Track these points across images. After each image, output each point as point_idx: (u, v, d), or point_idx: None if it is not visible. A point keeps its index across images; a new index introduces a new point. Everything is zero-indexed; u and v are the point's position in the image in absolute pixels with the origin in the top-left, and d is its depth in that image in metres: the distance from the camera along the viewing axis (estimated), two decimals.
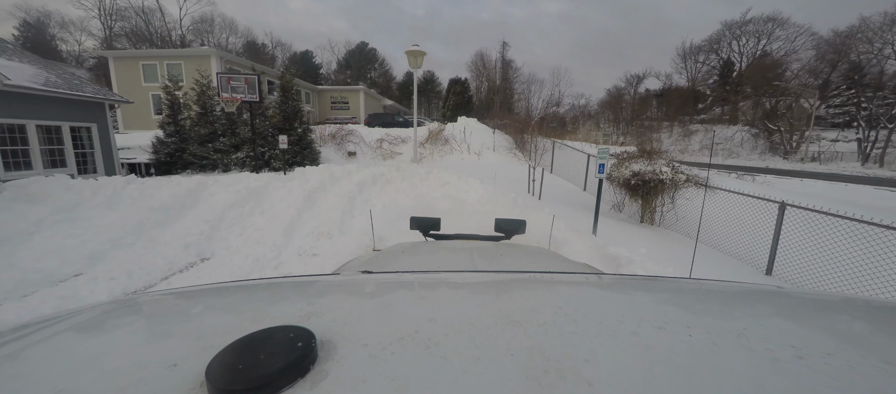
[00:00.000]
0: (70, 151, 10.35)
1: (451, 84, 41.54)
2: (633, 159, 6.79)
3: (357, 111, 32.49)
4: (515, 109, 36.34)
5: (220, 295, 0.71)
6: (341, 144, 16.54)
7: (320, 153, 14.48)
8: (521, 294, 0.67)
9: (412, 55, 8.28)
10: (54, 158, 10.01)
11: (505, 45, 40.68)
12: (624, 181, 6.83)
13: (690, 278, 0.90)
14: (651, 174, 6.47)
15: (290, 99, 13.10)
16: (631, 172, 6.65)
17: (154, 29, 40.52)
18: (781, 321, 0.59)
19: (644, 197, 6.86)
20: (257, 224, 5.75)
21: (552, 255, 1.69)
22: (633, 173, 6.65)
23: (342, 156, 16.00)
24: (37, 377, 0.41)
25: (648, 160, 6.54)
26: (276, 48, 53.31)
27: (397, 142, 17.43)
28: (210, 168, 12.31)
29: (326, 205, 6.05)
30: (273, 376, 0.35)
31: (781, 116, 35.60)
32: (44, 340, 0.52)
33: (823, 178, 18.77)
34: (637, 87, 49.44)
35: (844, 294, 0.76)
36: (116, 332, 0.56)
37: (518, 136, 18.29)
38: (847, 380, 0.38)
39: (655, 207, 6.83)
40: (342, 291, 0.70)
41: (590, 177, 10.31)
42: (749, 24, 42.50)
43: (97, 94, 10.90)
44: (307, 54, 56.35)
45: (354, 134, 17.32)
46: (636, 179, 6.63)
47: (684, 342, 0.46)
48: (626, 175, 6.76)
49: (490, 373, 0.38)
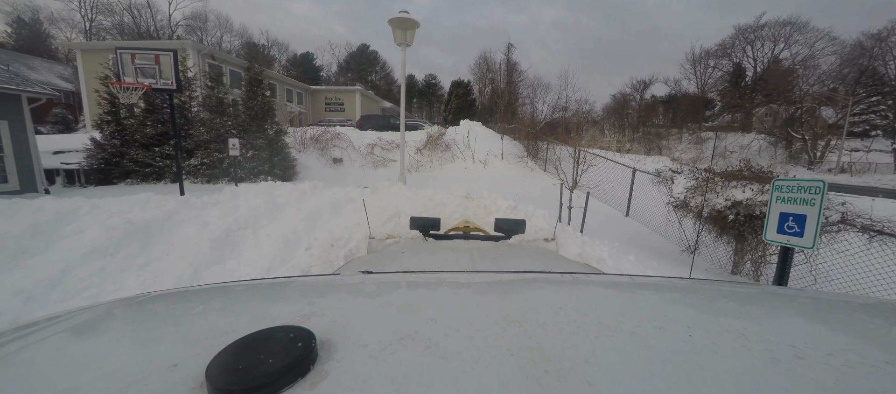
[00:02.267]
0: None
1: (453, 86, 39.30)
2: (732, 181, 4.42)
3: (353, 113, 30.38)
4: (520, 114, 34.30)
5: (220, 295, 0.72)
6: (325, 150, 14.23)
7: (296, 161, 12.16)
8: (521, 294, 0.68)
9: (398, 26, 5.89)
10: None
11: (510, 46, 38.44)
12: (716, 213, 4.47)
13: (690, 278, 0.91)
14: (763, 207, 4.12)
15: (259, 95, 10.80)
16: (730, 201, 4.30)
17: (143, 25, 38.49)
18: (781, 321, 0.60)
19: (743, 239, 4.51)
20: (128, 286, 3.41)
21: (552, 255, 1.72)
22: (732, 203, 4.31)
23: (326, 163, 13.69)
24: (37, 377, 0.42)
25: (760, 186, 4.16)
26: (273, 47, 51.44)
27: (391, 147, 15.13)
28: (155, 178, 10.01)
29: (249, 255, 3.71)
30: (273, 376, 0.35)
31: (804, 123, 33.51)
32: (44, 340, 0.52)
33: (864, 192, 16.44)
34: (643, 93, 48.18)
35: (844, 294, 0.81)
36: (116, 332, 0.57)
37: (530, 142, 15.97)
38: (847, 380, 0.38)
39: (762, 255, 4.48)
40: (342, 292, 0.71)
41: (636, 198, 7.95)
42: (764, 29, 40.59)
43: (6, 83, 8.65)
44: (308, 56, 55.35)
45: (342, 137, 15.01)
46: (737, 211, 4.28)
47: (684, 342, 0.46)
48: (719, 205, 4.40)
49: (490, 373, 0.38)
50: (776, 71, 38.88)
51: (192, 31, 41.09)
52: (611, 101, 48.75)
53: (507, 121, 20.11)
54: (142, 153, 9.85)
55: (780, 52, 40.84)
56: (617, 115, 45.87)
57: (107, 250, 3.74)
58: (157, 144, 10.09)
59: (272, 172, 10.67)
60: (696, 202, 4.81)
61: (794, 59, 38.82)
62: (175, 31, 38.99)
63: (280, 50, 52.81)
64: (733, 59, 44.06)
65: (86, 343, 0.53)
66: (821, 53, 36.45)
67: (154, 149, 10.03)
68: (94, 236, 3.89)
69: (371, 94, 35.72)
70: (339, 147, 14.60)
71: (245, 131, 10.44)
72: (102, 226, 4.10)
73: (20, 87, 8.90)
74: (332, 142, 14.57)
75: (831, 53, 35.67)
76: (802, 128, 33.51)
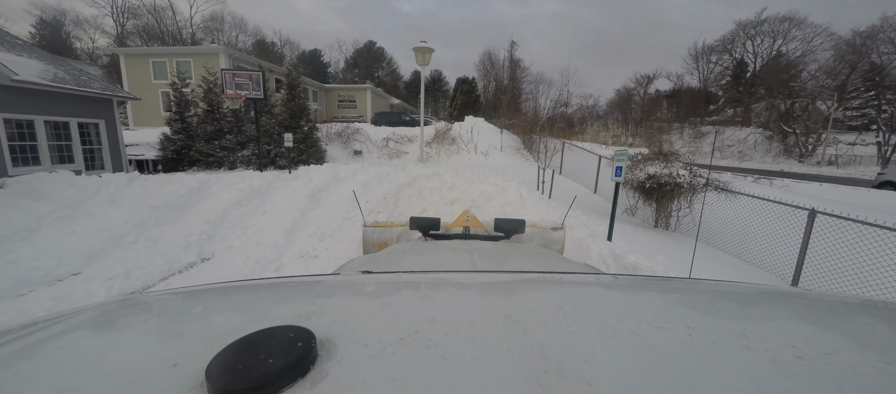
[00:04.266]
0: (78, 147, 10.36)
1: (458, 83, 41.28)
2: (648, 161, 6.52)
3: (364, 110, 32.47)
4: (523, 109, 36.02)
5: (220, 295, 0.72)
6: (347, 143, 16.43)
7: (326, 152, 14.39)
8: (521, 294, 0.67)
9: (420, 52, 8.08)
10: (62, 154, 10.02)
11: (513, 44, 40.26)
12: (638, 184, 6.56)
13: (690, 278, 0.90)
14: (667, 177, 6.19)
15: (297, 97, 13.00)
16: (646, 174, 6.38)
17: (165, 27, 40.96)
18: (781, 321, 0.60)
19: (659, 201, 6.58)
20: (259, 224, 5.61)
21: (552, 255, 1.67)
22: (648, 176, 6.38)
23: (348, 155, 15.89)
24: (37, 377, 0.42)
25: (665, 162, 6.26)
26: (285, 47, 53.62)
27: (404, 141, 17.27)
28: (216, 166, 12.28)
29: (330, 205, 5.89)
30: (273, 376, 0.35)
31: (797, 118, 34.73)
32: (44, 340, 0.52)
33: (840, 182, 18.19)
34: (647, 88, 48.78)
35: (844, 294, 0.77)
36: (117, 332, 0.57)
37: (526, 136, 18.00)
38: (847, 380, 0.38)
39: (671, 211, 6.55)
40: (342, 292, 0.70)
41: (601, 179, 10.03)
42: (764, 24, 41.43)
43: (105, 90, 10.91)
44: (315, 53, 56.81)
45: (361, 133, 17.21)
46: (651, 182, 6.36)
47: (684, 342, 0.46)
48: (640, 178, 6.49)
49: (490, 373, 0.38)
50: (773, 67, 39.89)
51: (210, 32, 43.47)
52: (615, 95, 49.46)
53: (511, 116, 22.15)
54: (205, 146, 12.12)
55: (778, 47, 41.69)
56: (621, 109, 46.80)
57: (240, 202, 5.97)
58: (216, 139, 12.36)
59: (308, 161, 12.88)
60: (631, 176, 6.88)
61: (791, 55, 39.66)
62: (196, 33, 41.36)
63: (291, 49, 54.90)
64: (734, 56, 44.94)
65: (86, 343, 0.53)
66: (819, 49, 37.38)
67: (214, 142, 12.29)
68: (229, 196, 6.11)
69: (380, 92, 37.77)
70: (359, 141, 16.79)
71: (286, 128, 12.65)
72: (230, 190, 6.32)
73: (114, 93, 11.18)
74: (353, 136, 16.78)
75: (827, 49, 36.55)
76: (795, 122, 34.73)
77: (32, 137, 9.40)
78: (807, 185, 15.33)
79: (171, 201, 5.82)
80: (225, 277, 4.30)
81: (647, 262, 3.66)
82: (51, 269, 4.16)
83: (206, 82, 12.31)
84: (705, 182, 5.78)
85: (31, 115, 9.29)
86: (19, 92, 8.96)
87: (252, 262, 4.58)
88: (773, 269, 4.88)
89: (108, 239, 4.89)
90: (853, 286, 3.97)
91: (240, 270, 4.42)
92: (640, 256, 3.87)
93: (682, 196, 6.19)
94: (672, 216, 6.63)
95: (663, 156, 6.56)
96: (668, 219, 6.57)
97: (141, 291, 3.41)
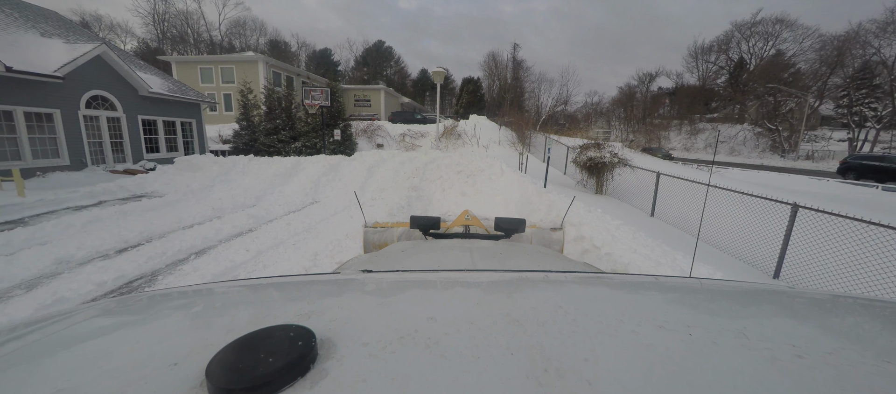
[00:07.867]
0: (180, 139, 13.99)
1: (464, 83, 44.55)
2: (589, 149, 9.84)
3: (378, 108, 35.71)
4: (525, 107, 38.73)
5: (220, 294, 0.73)
6: (371, 138, 19.90)
7: (357, 144, 17.88)
8: (521, 293, 0.68)
9: (437, 75, 11.46)
10: (170, 145, 13.63)
11: (516, 46, 43.42)
12: (583, 164, 9.87)
13: (690, 277, 0.92)
14: (599, 159, 9.49)
15: (336, 101, 16.48)
16: (587, 157, 9.69)
17: (195, 32, 44.85)
18: (781, 321, 0.60)
19: (597, 175, 9.89)
20: (340, 186, 9.04)
21: (552, 254, 1.70)
22: (588, 158, 9.69)
23: (372, 147, 19.36)
24: (37, 377, 0.42)
25: (598, 149, 9.57)
26: (301, 49, 57.18)
27: (418, 136, 20.66)
28: (275, 155, 15.84)
29: (381, 174, 9.29)
30: (273, 375, 0.36)
31: (782, 116, 37.01)
32: (44, 339, 0.53)
33: (808, 174, 21.34)
34: (649, 86, 50.40)
35: (844, 294, 0.77)
36: (117, 331, 0.57)
37: (521, 132, 21.31)
38: (847, 380, 0.39)
39: (604, 181, 9.86)
40: (342, 291, 0.70)
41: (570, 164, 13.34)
42: (758, 26, 43.18)
43: (197, 97, 14.49)
44: (326, 52, 59.20)
45: (382, 129, 20.65)
46: (590, 162, 9.67)
47: (684, 342, 0.46)
48: (583, 159, 9.80)
49: (490, 372, 0.39)
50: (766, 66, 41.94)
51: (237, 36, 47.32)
52: (618, 93, 50.92)
53: (513, 114, 25.36)
54: (266, 139, 15.67)
55: (770, 48, 43.66)
56: (624, 107, 48.11)
57: (325, 173, 9.41)
58: (274, 134, 15.91)
59: (345, 152, 16.35)
60: (579, 159, 10.18)
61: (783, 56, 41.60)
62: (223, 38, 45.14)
63: (306, 50, 58.37)
64: (730, 56, 46.76)
65: (86, 342, 0.53)
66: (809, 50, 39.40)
67: (272, 136, 15.84)
68: (316, 169, 9.57)
69: (392, 92, 41.07)
70: (380, 136, 20.23)
71: (327, 125, 16.12)
72: (314, 166, 9.78)
73: (202, 98, 14.74)
74: (375, 132, 20.24)
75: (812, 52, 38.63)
76: (780, 120, 37.13)
77: (155, 131, 13.01)
78: (762, 175, 18.46)
79: (282, 172, 9.30)
80: (329, 210, 7.68)
81: (562, 204, 6.99)
82: (241, 202, 7.64)
83: (267, 90, 15.86)
84: (618, 161, 9.09)
85: (155, 116, 12.91)
86: (150, 100, 12.58)
87: (344, 203, 7.99)
88: (656, 214, 8.15)
89: (257, 192, 8.37)
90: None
91: (338, 206, 7.83)
92: (557, 196, 7.19)
93: (608, 170, 9.49)
94: (606, 185, 9.94)
95: (597, 145, 9.86)
96: (602, 186, 9.88)
97: (141, 290, 3.64)
